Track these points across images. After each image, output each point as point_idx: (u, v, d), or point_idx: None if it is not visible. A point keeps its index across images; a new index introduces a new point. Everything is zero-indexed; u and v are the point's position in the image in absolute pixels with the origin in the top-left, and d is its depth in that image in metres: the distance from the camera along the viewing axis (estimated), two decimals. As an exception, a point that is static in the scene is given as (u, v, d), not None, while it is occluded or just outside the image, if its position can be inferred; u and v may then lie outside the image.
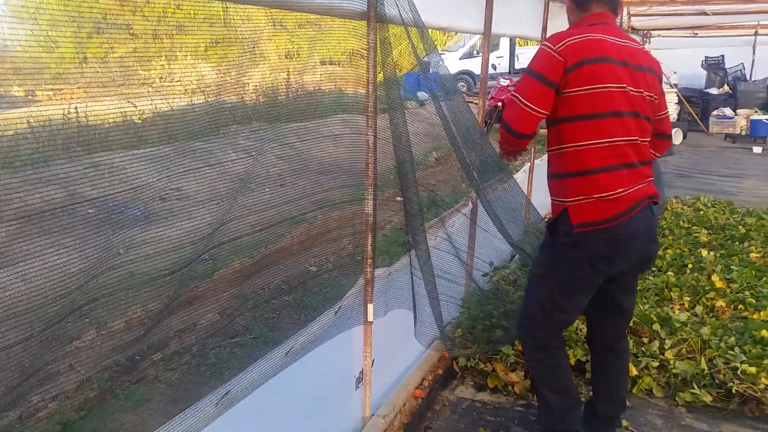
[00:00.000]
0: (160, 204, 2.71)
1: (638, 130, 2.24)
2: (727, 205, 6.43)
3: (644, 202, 2.26)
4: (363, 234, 2.39)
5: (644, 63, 2.28)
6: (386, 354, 2.79)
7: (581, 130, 2.20)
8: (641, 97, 2.24)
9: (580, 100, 2.17)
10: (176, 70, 3.69)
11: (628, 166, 2.21)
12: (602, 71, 2.15)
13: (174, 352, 3.20)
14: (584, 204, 2.22)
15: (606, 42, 2.18)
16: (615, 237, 2.22)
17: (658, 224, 5.58)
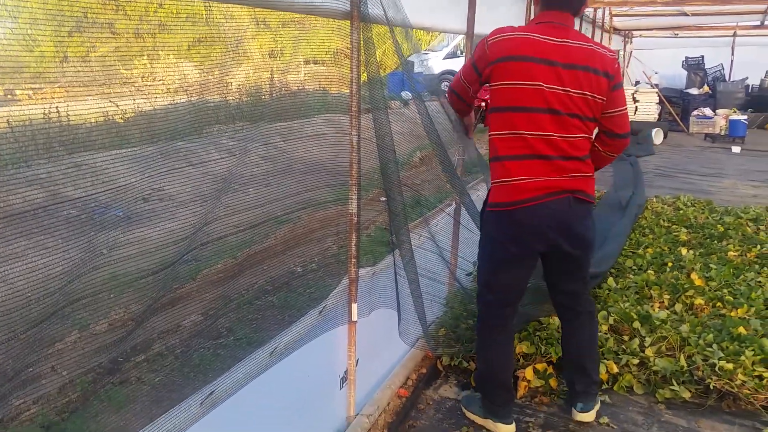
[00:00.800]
0: (142, 204, 2.70)
1: (556, 127, 2.35)
2: (706, 204, 6.52)
3: (559, 194, 2.40)
4: (347, 234, 2.40)
5: (584, 63, 2.34)
6: (371, 353, 2.80)
7: (496, 121, 2.43)
8: (567, 96, 2.34)
9: (496, 94, 2.40)
10: (159, 70, 3.67)
11: (539, 157, 2.37)
12: (516, 69, 2.32)
13: (157, 354, 3.19)
14: (497, 186, 2.46)
15: (536, 41, 2.31)
16: (516, 220, 2.43)
17: (638, 223, 5.66)
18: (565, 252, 2.54)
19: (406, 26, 2.72)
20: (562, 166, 2.38)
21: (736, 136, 11.63)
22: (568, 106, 2.34)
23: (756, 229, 5.60)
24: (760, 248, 4.98)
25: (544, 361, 3.23)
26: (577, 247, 2.55)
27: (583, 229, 2.52)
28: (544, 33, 2.33)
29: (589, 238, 2.59)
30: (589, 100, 2.38)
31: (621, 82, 2.50)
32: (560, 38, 2.34)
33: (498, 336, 2.71)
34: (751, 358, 3.13)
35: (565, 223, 2.45)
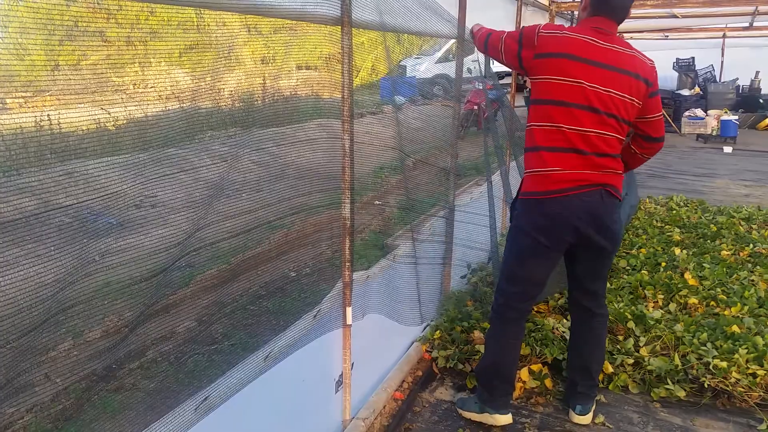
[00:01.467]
0: (135, 211, 2.69)
1: (594, 124, 2.44)
2: (699, 204, 6.55)
3: (592, 187, 2.48)
4: (341, 238, 2.40)
5: (626, 67, 2.45)
6: (365, 356, 2.80)
7: (537, 113, 2.52)
8: (608, 96, 2.43)
9: (539, 87, 2.50)
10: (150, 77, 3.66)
11: (575, 151, 2.45)
12: (562, 65, 2.41)
13: (152, 360, 3.17)
14: (531, 176, 2.54)
15: (584, 42, 2.43)
16: (547, 210, 2.49)
17: (632, 224, 5.68)
18: (593, 245, 2.59)
19: (396, 31, 2.73)
20: (595, 162, 2.46)
21: (727, 136, 11.70)
22: (607, 106, 2.43)
23: (748, 228, 5.64)
24: (753, 247, 5.02)
25: (540, 361, 3.23)
26: (607, 239, 2.58)
27: (612, 222, 2.57)
28: (592, 35, 2.45)
29: (617, 231, 2.63)
30: (627, 103, 2.47)
31: (658, 89, 2.60)
32: (606, 42, 2.45)
33: (512, 329, 2.74)
34: (745, 356, 3.15)
35: (596, 215, 2.50)
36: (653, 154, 2.79)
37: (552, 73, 2.43)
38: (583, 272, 2.74)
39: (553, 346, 3.30)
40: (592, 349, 2.85)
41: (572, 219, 2.49)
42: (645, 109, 2.56)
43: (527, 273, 2.65)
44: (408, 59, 21.58)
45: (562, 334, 3.42)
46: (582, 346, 2.86)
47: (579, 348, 2.88)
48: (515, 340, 2.78)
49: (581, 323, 2.86)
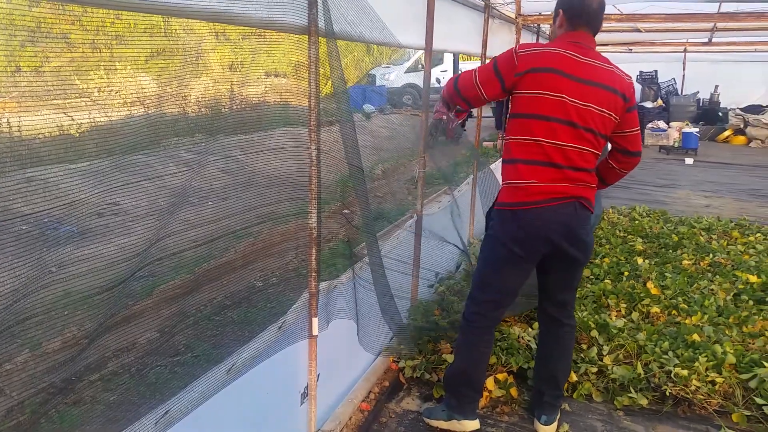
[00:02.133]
0: (97, 220, 2.63)
1: (572, 138, 2.48)
2: (661, 214, 6.70)
3: (566, 199, 2.52)
4: (308, 248, 2.38)
5: (605, 82, 2.49)
6: (332, 367, 2.78)
7: (516, 126, 2.55)
8: (587, 110, 2.47)
9: (520, 101, 2.51)
10: (116, 82, 3.60)
11: (551, 165, 2.49)
12: (544, 80, 2.44)
13: (112, 372, 3.10)
14: (508, 187, 2.58)
15: (564, 56, 2.46)
16: (523, 221, 2.53)
17: (595, 233, 5.78)
18: (566, 256, 2.62)
19: (364, 41, 2.74)
20: (570, 176, 2.51)
21: (689, 147, 12.01)
22: (585, 120, 2.47)
23: (708, 239, 5.78)
24: (713, 257, 5.14)
25: (505, 370, 3.26)
26: (579, 250, 2.63)
27: (585, 233, 2.62)
28: (572, 50, 2.48)
29: (590, 242, 2.69)
30: (605, 117, 2.52)
31: (636, 104, 2.65)
32: (585, 57, 2.49)
33: (483, 337, 2.77)
34: (705, 364, 3.22)
35: (569, 227, 2.55)
36: (631, 168, 2.82)
37: (534, 88, 2.46)
38: (555, 282, 2.77)
39: (518, 355, 3.33)
40: (559, 359, 2.88)
41: (547, 230, 2.53)
42: (622, 123, 2.60)
43: (501, 282, 2.68)
44: (378, 68, 21.68)
45: (528, 343, 3.45)
46: (549, 356, 2.89)
47: (546, 358, 2.91)
48: (486, 348, 2.80)
49: (549, 333, 2.89)
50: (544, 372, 2.91)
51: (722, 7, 7.89)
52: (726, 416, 2.99)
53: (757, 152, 12.70)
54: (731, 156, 11.97)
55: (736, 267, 4.90)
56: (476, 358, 2.78)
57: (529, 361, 3.27)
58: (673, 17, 7.36)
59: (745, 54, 15.83)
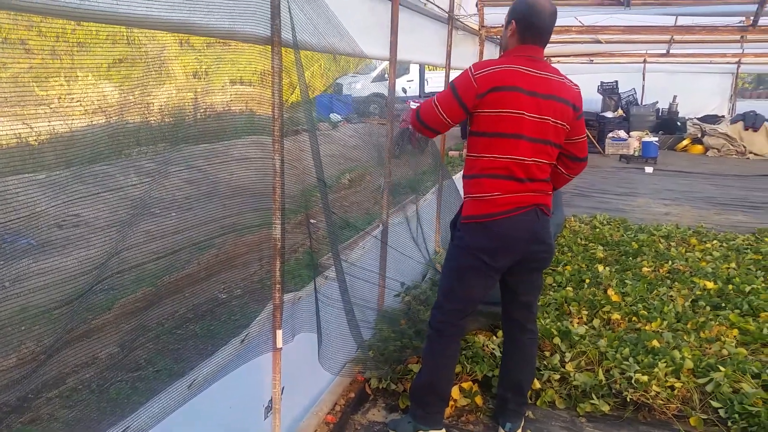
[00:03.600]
0: (56, 232, 2.57)
1: (530, 152, 2.58)
2: (621, 222, 6.84)
3: (528, 207, 2.63)
4: (272, 259, 2.37)
5: (557, 94, 2.59)
6: (297, 379, 2.76)
7: (477, 144, 2.62)
8: (544, 123, 2.57)
9: (480, 120, 2.58)
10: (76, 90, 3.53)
11: (512, 178, 2.59)
12: (505, 98, 2.50)
13: (71, 389, 3.03)
14: (472, 201, 2.66)
15: (520, 73, 2.52)
16: (493, 232, 2.62)
17: (557, 242, 5.87)
18: (533, 259, 2.74)
19: (329, 52, 2.74)
20: (530, 187, 2.63)
21: (648, 156, 12.29)
22: (543, 133, 2.58)
23: (668, 246, 5.92)
24: (671, 264, 5.27)
25: (470, 379, 3.28)
26: (545, 252, 2.77)
27: (548, 236, 2.76)
28: (526, 65, 2.54)
29: (552, 243, 2.82)
30: (559, 128, 2.63)
31: (583, 112, 2.75)
32: (539, 71, 2.57)
33: (450, 345, 2.81)
34: (664, 369, 3.29)
35: (534, 232, 2.67)
36: (578, 173, 2.92)
37: (496, 107, 2.51)
38: (521, 285, 2.84)
39: (483, 364, 3.36)
40: (523, 366, 2.93)
41: (515, 238, 2.64)
42: (572, 131, 2.70)
43: (467, 291, 2.74)
44: (344, 77, 21.70)
45: (492, 352, 3.48)
46: (513, 364, 2.93)
47: (510, 366, 2.95)
48: (452, 357, 2.84)
49: (513, 341, 2.93)
50: (508, 380, 2.94)
51: (678, 21, 8.14)
52: (684, 420, 3.06)
53: (714, 161, 13.07)
54: (689, 165, 12.29)
55: (694, 273, 5.03)
56: (443, 367, 2.81)
57: (494, 370, 3.30)
58: (632, 29, 7.56)
59: (702, 65, 16.35)
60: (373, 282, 3.85)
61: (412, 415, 2.87)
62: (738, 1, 6.06)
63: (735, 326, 3.97)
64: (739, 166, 12.33)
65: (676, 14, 7.58)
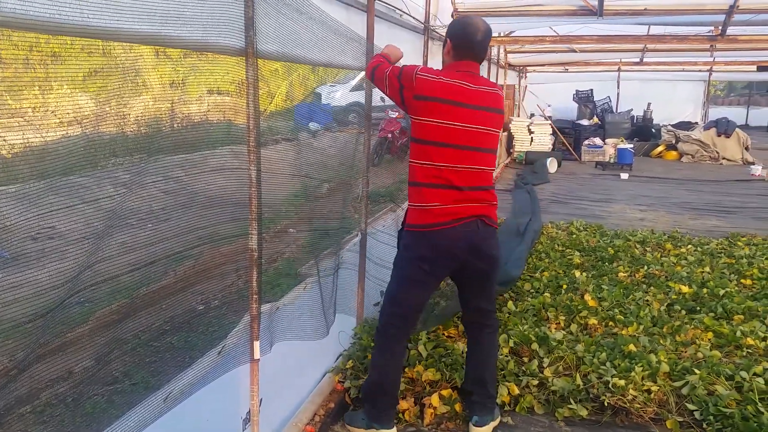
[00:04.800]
0: (31, 244, 2.54)
1: (468, 161, 2.69)
2: (597, 228, 6.92)
3: (468, 219, 2.73)
4: (248, 270, 2.37)
5: (492, 105, 2.75)
6: (276, 390, 2.75)
7: (417, 151, 2.72)
8: (478, 132, 2.70)
9: (417, 127, 2.69)
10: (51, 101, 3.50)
11: (452, 187, 2.68)
12: (439, 109, 2.63)
13: (46, 404, 2.98)
14: (415, 210, 2.76)
15: (458, 87, 2.65)
16: (431, 242, 2.72)
17: (535, 248, 5.92)
18: (475, 270, 2.84)
19: (304, 63, 2.76)
20: (471, 196, 2.72)
21: (624, 163, 12.45)
22: (480, 142, 2.71)
23: (643, 251, 6.00)
24: (647, 269, 5.34)
25: (450, 386, 3.29)
26: (486, 264, 2.85)
27: (489, 248, 2.84)
28: (463, 79, 2.68)
29: (496, 256, 2.90)
30: (494, 135, 2.79)
31: None
32: (475, 84, 2.70)
33: (394, 347, 2.92)
34: (641, 373, 3.33)
35: (473, 244, 2.76)
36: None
37: (429, 116, 2.64)
38: (469, 293, 2.98)
39: (462, 371, 3.36)
40: (484, 360, 3.05)
41: (453, 248, 2.74)
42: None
43: (408, 297, 2.86)
44: (323, 87, 21.67)
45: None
46: (474, 359, 3.08)
47: (472, 361, 3.09)
48: (398, 358, 2.96)
49: (473, 337, 3.09)
50: (471, 374, 3.08)
51: (651, 30, 8.30)
52: (661, 423, 3.09)
53: (688, 167, 13.28)
54: (664, 171, 12.48)
55: (670, 278, 5.11)
56: (389, 367, 2.93)
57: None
58: (606, 38, 7.69)
59: (675, 73, 16.67)
60: (351, 290, 3.85)
61: (366, 412, 2.97)
62: (707, 11, 6.19)
63: (709, 329, 4.03)
64: (713, 171, 12.54)
65: (648, 23, 7.73)
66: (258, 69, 2.26)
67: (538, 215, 7.31)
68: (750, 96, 24.96)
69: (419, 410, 3.13)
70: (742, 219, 7.96)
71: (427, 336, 3.81)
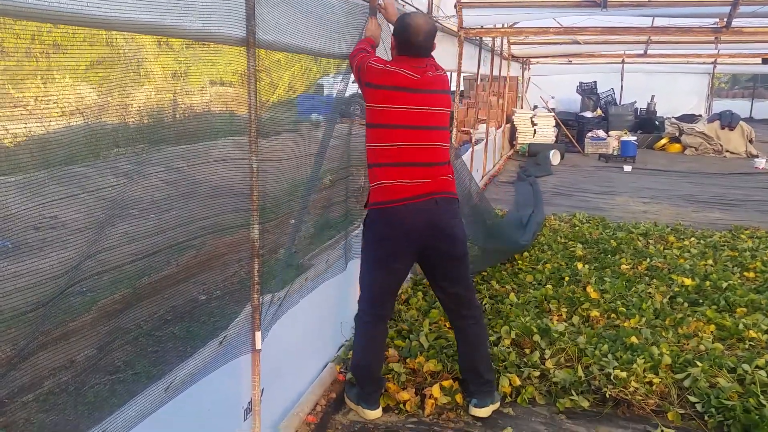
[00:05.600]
0: (33, 233, 2.54)
1: (422, 138, 2.85)
2: (600, 220, 6.91)
3: (426, 197, 2.83)
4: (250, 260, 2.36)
5: (440, 87, 2.92)
6: (277, 381, 2.75)
7: (373, 135, 2.88)
8: (429, 113, 2.87)
9: (374, 113, 2.86)
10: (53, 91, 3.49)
11: (408, 165, 2.82)
12: (389, 95, 2.81)
13: (48, 392, 2.99)
14: (375, 188, 2.87)
15: (404, 76, 2.81)
16: (390, 218, 2.82)
17: (538, 240, 5.91)
18: (438, 251, 2.91)
19: (304, 52, 2.75)
20: (429, 172, 2.85)
21: (627, 155, 12.42)
22: (431, 121, 2.87)
23: (646, 243, 6.00)
24: (650, 261, 5.34)
25: (451, 377, 3.30)
26: (448, 244, 2.91)
27: (450, 227, 2.91)
28: (408, 68, 2.83)
29: (458, 235, 2.95)
30: (444, 114, 2.96)
31: None
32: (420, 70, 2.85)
33: (371, 331, 3.01)
34: (642, 365, 3.33)
35: (433, 222, 2.85)
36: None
37: (381, 102, 2.83)
38: (440, 277, 3.02)
39: (464, 363, 3.36)
40: (473, 350, 3.10)
41: (414, 225, 2.83)
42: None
43: (375, 280, 2.97)
44: (326, 77, 21.60)
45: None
46: (463, 349, 3.13)
47: (461, 351, 3.14)
48: (376, 341, 3.04)
49: (458, 328, 3.12)
50: (464, 364, 3.14)
51: (655, 22, 8.24)
52: (662, 415, 3.09)
53: (692, 159, 13.24)
54: (668, 163, 12.45)
55: (672, 271, 5.10)
56: (369, 349, 3.03)
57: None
58: (610, 30, 7.64)
59: (679, 65, 16.59)
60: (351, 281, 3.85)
61: (356, 390, 3.08)
62: (712, 3, 6.15)
63: (712, 322, 4.03)
64: (716, 164, 12.51)
65: (652, 15, 7.67)
66: (260, 59, 2.24)
67: (541, 207, 7.30)
68: (754, 89, 24.84)
69: (420, 401, 3.13)
70: (745, 212, 7.94)
71: (429, 327, 3.81)
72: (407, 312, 4.09)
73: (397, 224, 2.82)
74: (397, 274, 2.97)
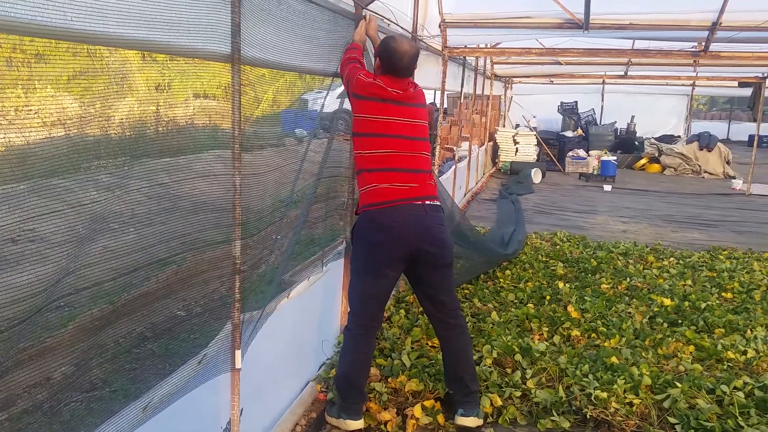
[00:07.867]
0: (11, 247, 2.50)
1: (408, 147, 3.00)
2: (580, 239, 6.96)
3: (415, 200, 2.94)
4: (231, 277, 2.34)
5: (419, 101, 3.11)
6: (257, 400, 2.72)
7: (360, 143, 3.02)
8: (413, 125, 3.04)
9: (360, 123, 3.01)
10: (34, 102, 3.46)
11: (394, 170, 2.95)
12: (375, 107, 2.97)
13: (23, 411, 2.92)
14: (363, 192, 2.98)
15: (387, 89, 2.97)
16: (380, 221, 2.90)
17: (519, 258, 5.93)
18: (427, 255, 2.95)
19: (288, 69, 2.76)
20: (414, 178, 2.97)
21: (607, 175, 12.56)
22: (414, 132, 3.03)
23: (625, 263, 6.05)
24: (630, 281, 5.38)
25: (433, 397, 3.28)
26: (437, 248, 2.97)
27: (440, 231, 3.00)
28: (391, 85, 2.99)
29: (448, 242, 3.04)
30: (425, 126, 3.13)
31: None
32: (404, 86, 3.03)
33: (360, 341, 3.04)
34: (623, 386, 3.34)
35: (423, 226, 2.93)
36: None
37: (369, 113, 2.97)
38: (428, 285, 3.07)
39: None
40: (458, 361, 3.13)
41: (404, 229, 2.89)
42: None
43: (366, 289, 3.00)
44: (310, 93, 21.63)
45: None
46: (448, 360, 3.16)
47: (447, 362, 3.17)
48: (364, 353, 3.06)
49: (443, 338, 3.15)
50: (450, 374, 3.16)
51: (635, 44, 8.39)
52: (642, 436, 3.10)
53: (671, 180, 13.43)
54: (647, 183, 12.60)
55: (652, 290, 5.15)
56: (355, 361, 3.03)
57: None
58: (591, 52, 7.76)
59: (659, 87, 16.88)
60: (334, 299, 3.83)
61: (338, 404, 3.08)
62: (691, 28, 6.27)
63: (691, 342, 4.06)
64: (695, 184, 12.69)
65: (633, 38, 7.81)
66: (245, 73, 2.24)
67: (523, 225, 7.34)
68: (731, 111, 25.33)
69: (402, 421, 3.11)
70: (722, 232, 8.05)
71: (411, 346, 3.79)
72: (389, 330, 4.08)
73: (387, 228, 2.88)
74: (388, 280, 3.01)
